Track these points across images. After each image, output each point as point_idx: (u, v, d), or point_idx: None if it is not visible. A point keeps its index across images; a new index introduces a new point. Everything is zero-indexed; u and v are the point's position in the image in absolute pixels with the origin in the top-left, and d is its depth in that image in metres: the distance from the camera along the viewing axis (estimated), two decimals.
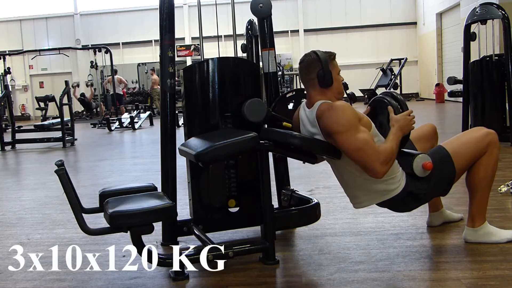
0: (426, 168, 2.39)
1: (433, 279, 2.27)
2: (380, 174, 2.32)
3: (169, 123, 2.90)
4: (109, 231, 2.29)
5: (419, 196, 2.47)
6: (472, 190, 2.56)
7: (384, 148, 2.34)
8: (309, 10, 18.98)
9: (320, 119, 2.40)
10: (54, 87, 18.62)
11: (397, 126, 2.41)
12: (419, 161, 2.40)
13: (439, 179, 2.47)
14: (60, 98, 9.05)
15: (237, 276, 2.40)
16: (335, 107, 2.35)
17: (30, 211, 4.06)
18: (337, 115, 2.32)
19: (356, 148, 2.30)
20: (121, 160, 7.10)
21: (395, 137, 2.39)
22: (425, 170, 2.40)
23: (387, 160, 2.32)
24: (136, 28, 19.46)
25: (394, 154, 2.36)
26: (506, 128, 6.08)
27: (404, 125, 2.42)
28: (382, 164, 2.30)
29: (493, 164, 2.52)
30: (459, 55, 10.84)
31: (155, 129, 11.79)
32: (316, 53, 2.47)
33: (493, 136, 2.54)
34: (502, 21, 6.07)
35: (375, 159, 2.29)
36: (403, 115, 2.43)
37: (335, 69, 2.48)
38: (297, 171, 4.65)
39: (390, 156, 2.33)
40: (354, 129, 2.30)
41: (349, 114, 2.32)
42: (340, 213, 3.38)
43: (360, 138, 2.30)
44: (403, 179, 2.44)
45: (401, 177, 2.44)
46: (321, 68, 2.42)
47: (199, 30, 3.33)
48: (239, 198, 2.90)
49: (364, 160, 2.31)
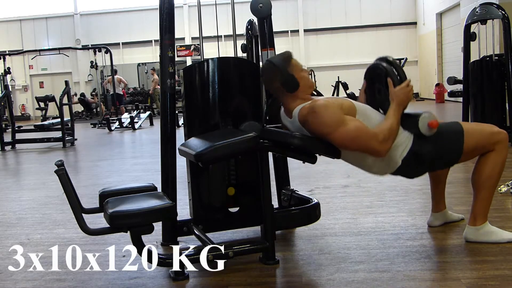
0: (432, 126, 2.38)
1: (433, 279, 2.27)
2: (383, 152, 2.33)
3: (169, 123, 2.90)
4: (109, 231, 2.29)
5: (422, 157, 2.45)
6: (477, 188, 2.56)
7: (382, 127, 2.34)
8: (309, 10, 18.98)
9: (305, 125, 2.40)
10: (54, 87, 18.64)
11: (397, 100, 2.41)
12: (424, 120, 2.39)
13: (445, 149, 2.47)
14: (60, 98, 9.05)
15: (237, 276, 2.40)
16: (315, 110, 2.34)
17: (30, 211, 4.06)
18: (321, 117, 2.32)
19: (351, 139, 2.31)
20: (121, 160, 7.10)
21: (395, 112, 2.39)
22: (431, 128, 2.39)
23: (386, 138, 2.32)
24: (136, 28, 19.47)
25: (394, 131, 2.36)
26: (506, 128, 6.08)
27: (404, 98, 2.42)
28: (382, 143, 2.31)
29: (500, 163, 2.52)
30: (459, 55, 10.84)
31: (155, 129, 11.79)
32: (271, 62, 2.46)
33: (505, 135, 2.54)
34: (502, 21, 6.06)
35: (373, 141, 2.30)
36: (403, 88, 2.42)
37: (296, 69, 2.47)
38: (297, 171, 4.65)
39: (389, 134, 2.33)
40: (342, 123, 2.30)
41: (332, 111, 2.32)
42: (340, 213, 3.38)
43: (352, 128, 2.30)
44: (410, 141, 2.44)
45: (409, 138, 2.43)
46: (282, 75, 2.42)
47: (199, 30, 3.34)
48: (239, 198, 2.89)
49: (363, 146, 2.33)
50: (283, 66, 2.43)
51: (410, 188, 3.90)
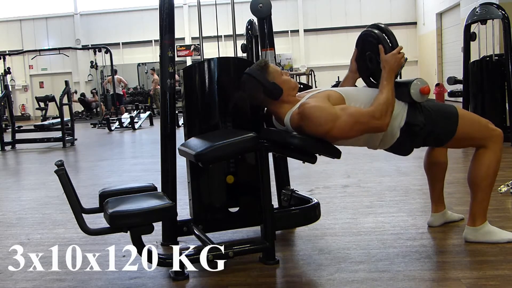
0: (424, 92, 2.38)
1: (433, 279, 2.27)
2: (384, 126, 2.33)
3: (169, 123, 2.90)
4: (109, 231, 2.29)
5: (415, 129, 2.43)
6: (474, 189, 2.56)
7: (377, 101, 2.33)
8: (309, 10, 18.97)
9: (300, 130, 2.38)
10: (54, 87, 18.62)
11: (388, 67, 2.39)
12: (416, 87, 2.39)
13: (438, 126, 2.46)
14: (60, 98, 9.05)
15: (237, 276, 2.40)
16: (306, 114, 2.32)
17: (30, 211, 4.06)
18: (314, 120, 2.30)
19: (350, 129, 2.31)
20: (121, 160, 7.10)
21: (388, 81, 2.37)
22: (423, 95, 2.39)
23: (384, 111, 2.31)
24: (136, 28, 19.46)
25: (391, 102, 2.35)
26: (506, 128, 6.08)
27: (395, 64, 2.40)
28: (381, 118, 2.31)
29: (495, 162, 2.51)
30: (459, 55, 10.84)
31: (155, 129, 11.79)
32: (250, 75, 2.45)
33: (499, 133, 2.54)
34: (502, 21, 6.07)
35: (372, 120, 2.30)
36: (393, 54, 2.40)
37: (276, 75, 2.45)
38: (297, 171, 4.65)
39: (386, 107, 2.32)
40: (336, 118, 2.29)
41: (322, 109, 2.30)
42: (340, 213, 3.38)
43: (346, 118, 2.29)
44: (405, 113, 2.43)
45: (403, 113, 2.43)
46: (262, 85, 2.41)
47: (199, 30, 3.33)
48: (239, 198, 2.89)
49: (364, 129, 2.33)
50: (262, 76, 2.42)
51: (410, 188, 3.90)
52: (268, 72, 2.45)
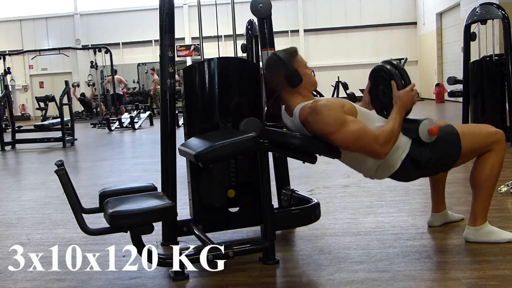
0: (432, 133, 2.38)
1: (433, 279, 2.27)
2: (383, 154, 2.33)
3: (169, 123, 2.90)
4: (109, 231, 2.29)
5: (421, 163, 2.44)
6: (476, 189, 2.55)
7: (383, 129, 2.34)
8: (309, 10, 18.98)
9: (306, 125, 2.39)
10: (54, 87, 18.62)
11: (400, 104, 2.41)
12: (424, 126, 2.38)
13: (444, 153, 2.46)
14: (60, 98, 9.05)
15: (237, 276, 2.40)
16: (317, 110, 2.33)
17: (30, 211, 4.06)
18: (322, 117, 2.31)
19: (352, 141, 2.30)
20: (121, 160, 7.10)
21: (397, 115, 2.39)
22: (431, 135, 2.39)
23: (387, 140, 2.32)
24: (136, 28, 19.47)
25: (395, 133, 2.35)
26: (506, 128, 6.08)
27: (408, 102, 2.42)
28: (383, 145, 2.31)
29: (498, 163, 2.51)
30: (459, 55, 10.84)
31: (155, 129, 11.79)
32: (277, 55, 2.46)
33: (501, 135, 2.54)
34: (502, 21, 6.07)
35: (374, 143, 2.30)
36: (406, 91, 2.42)
37: (301, 64, 2.47)
38: (297, 171, 4.65)
39: (390, 136, 2.33)
40: (344, 124, 2.30)
41: (333, 111, 2.31)
42: (340, 213, 3.38)
43: (354, 129, 2.30)
44: (408, 145, 2.43)
45: (405, 146, 2.43)
46: (286, 68, 2.41)
47: (199, 30, 3.33)
48: (239, 198, 2.89)
49: (364, 148, 2.32)
50: (288, 60, 2.43)
51: (410, 188, 3.90)
52: (295, 60, 2.46)
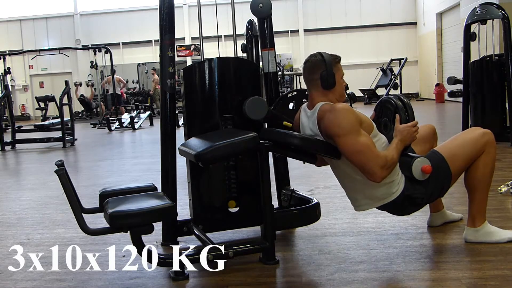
0: (425, 171, 2.39)
1: (433, 279, 2.27)
2: (379, 178, 2.33)
3: (169, 123, 2.90)
4: (109, 231, 2.29)
5: (417, 201, 2.47)
6: (471, 190, 2.56)
7: (385, 154, 2.35)
8: (309, 10, 18.98)
9: (321, 120, 2.40)
10: (54, 87, 18.62)
11: (401, 137, 2.43)
12: (418, 165, 2.39)
13: (436, 183, 2.47)
14: (60, 98, 9.05)
15: (237, 276, 2.40)
16: (337, 109, 2.35)
17: (30, 211, 4.06)
18: (338, 118, 2.32)
19: (356, 151, 2.30)
20: (121, 160, 7.10)
21: (397, 146, 2.40)
22: (424, 174, 2.40)
23: (387, 165, 2.32)
24: (136, 28, 19.46)
25: (395, 162, 2.37)
26: (506, 128, 6.08)
27: (408, 136, 2.44)
28: (382, 169, 2.31)
29: (491, 163, 2.52)
30: (459, 55, 10.84)
31: (155, 129, 11.79)
32: (321, 54, 2.48)
33: (490, 136, 2.54)
34: (502, 21, 6.07)
35: (375, 163, 2.30)
36: (408, 127, 2.44)
37: (339, 72, 2.49)
38: (297, 171, 4.65)
39: (390, 163, 2.34)
40: (355, 132, 2.31)
41: (351, 117, 2.32)
42: (340, 213, 3.38)
43: (361, 141, 2.30)
44: (402, 182, 2.44)
45: (400, 180, 2.44)
46: (325, 69, 2.43)
47: (199, 30, 3.33)
48: (239, 198, 2.90)
49: (363, 163, 2.31)
50: (330, 63, 2.45)
51: None
52: (336, 65, 2.48)
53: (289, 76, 18.01)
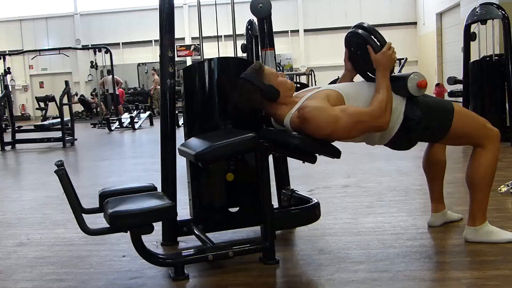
0: (421, 86, 2.38)
1: (433, 279, 2.27)
2: (385, 125, 2.34)
3: (169, 123, 2.90)
4: (109, 231, 2.29)
5: (411, 123, 2.42)
6: (472, 189, 2.56)
7: (376, 101, 2.32)
8: (309, 10, 18.98)
9: (301, 131, 2.37)
10: (54, 87, 18.61)
11: (381, 67, 2.38)
12: (413, 81, 2.38)
13: (434, 119, 2.45)
14: (60, 98, 9.05)
15: (237, 276, 2.40)
16: (306, 119, 2.30)
17: (30, 211, 4.06)
18: (313, 123, 2.29)
19: (351, 128, 2.31)
20: (121, 160, 7.10)
21: (383, 79, 2.37)
22: (420, 89, 2.39)
23: (383, 110, 2.31)
24: (136, 28, 19.47)
25: (389, 99, 2.34)
26: (506, 128, 6.08)
27: (388, 63, 2.39)
28: (381, 118, 2.31)
29: (493, 163, 2.51)
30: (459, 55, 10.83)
31: (155, 129, 11.79)
32: (245, 79, 2.43)
33: (496, 133, 2.54)
34: (502, 21, 6.07)
35: (373, 119, 2.30)
36: (384, 53, 2.39)
37: (272, 77, 2.43)
38: (297, 171, 4.65)
39: (385, 105, 2.32)
40: (336, 119, 2.28)
41: (321, 113, 2.28)
42: (340, 213, 3.38)
43: (347, 119, 2.29)
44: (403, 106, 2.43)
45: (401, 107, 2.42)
46: (260, 89, 2.39)
47: (199, 30, 3.34)
48: (239, 198, 2.89)
49: (364, 129, 2.34)
50: (258, 79, 2.40)
51: (410, 188, 3.90)
52: (264, 75, 2.42)
53: (289, 76, 18.02)
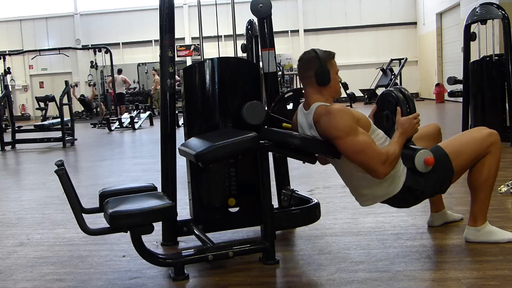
0: (428, 163, 2.38)
1: (433, 279, 2.27)
2: (382, 174, 2.33)
3: (169, 123, 2.90)
4: (109, 231, 2.29)
5: (416, 193, 2.46)
6: (474, 190, 2.55)
7: (387, 149, 2.35)
8: (309, 10, 18.98)
9: (317, 123, 2.40)
10: (54, 87, 18.63)
11: (402, 129, 2.42)
12: (421, 156, 2.39)
13: (437, 178, 2.47)
14: (60, 98, 9.05)
15: (237, 276, 2.40)
16: (332, 112, 2.34)
17: (30, 211, 4.06)
18: (335, 121, 2.32)
19: (357, 151, 2.30)
20: (121, 160, 7.10)
21: (399, 140, 2.40)
22: (427, 166, 2.39)
23: (389, 161, 2.32)
24: (136, 28, 19.47)
25: (397, 156, 2.37)
26: (506, 128, 6.08)
27: (409, 129, 2.43)
28: (384, 165, 2.31)
29: (496, 164, 2.52)
30: (459, 55, 10.84)
31: (155, 129, 11.79)
32: (315, 51, 2.47)
33: (496, 136, 2.53)
34: (502, 21, 6.06)
35: (377, 161, 2.30)
36: (409, 118, 2.43)
37: (333, 69, 2.48)
38: (297, 171, 4.65)
39: (392, 158, 2.34)
40: (353, 133, 2.30)
41: (347, 118, 2.32)
42: (340, 213, 3.38)
43: (360, 141, 2.30)
44: (404, 174, 2.44)
45: (402, 172, 2.44)
46: (319, 66, 2.42)
47: (199, 30, 3.33)
48: (239, 198, 2.90)
49: (366, 162, 2.32)
50: (324, 59, 2.43)
51: None
52: (330, 62, 2.47)
53: (289, 76, 18.02)
